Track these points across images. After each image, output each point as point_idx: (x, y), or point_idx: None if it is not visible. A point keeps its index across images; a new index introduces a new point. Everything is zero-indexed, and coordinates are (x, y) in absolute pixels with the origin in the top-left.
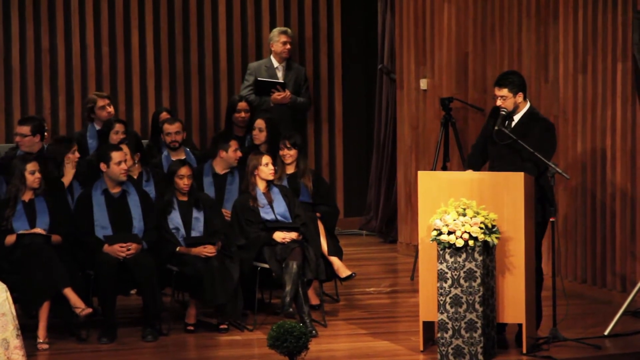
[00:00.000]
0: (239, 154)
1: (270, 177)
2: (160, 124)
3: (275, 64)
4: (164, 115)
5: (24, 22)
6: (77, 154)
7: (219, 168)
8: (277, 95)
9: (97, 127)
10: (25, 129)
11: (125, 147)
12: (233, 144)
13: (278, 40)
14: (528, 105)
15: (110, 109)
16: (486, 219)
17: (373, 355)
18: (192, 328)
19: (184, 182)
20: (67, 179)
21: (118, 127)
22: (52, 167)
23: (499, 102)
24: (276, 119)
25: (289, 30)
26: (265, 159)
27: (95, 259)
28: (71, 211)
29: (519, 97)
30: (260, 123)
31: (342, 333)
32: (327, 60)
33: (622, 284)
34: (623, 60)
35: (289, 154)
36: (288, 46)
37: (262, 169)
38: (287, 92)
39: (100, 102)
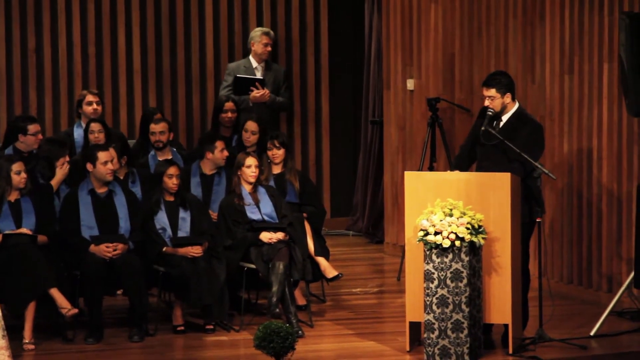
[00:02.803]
0: (225, 154)
1: (252, 180)
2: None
3: (254, 64)
4: (159, 116)
5: (10, 22)
6: (67, 157)
7: (207, 169)
8: (256, 93)
9: (84, 125)
10: (39, 127)
11: (112, 150)
12: (219, 145)
13: (260, 41)
14: (517, 106)
15: (97, 107)
16: (473, 219)
17: (359, 355)
18: (182, 328)
19: (172, 181)
20: (56, 180)
21: (93, 126)
22: (46, 167)
23: (486, 102)
24: (262, 119)
25: (271, 31)
26: (249, 160)
27: (81, 259)
28: (57, 211)
29: (507, 98)
30: (252, 126)
31: (329, 333)
32: (314, 61)
33: (608, 284)
34: (609, 61)
35: (278, 154)
36: (269, 48)
37: (244, 171)
38: (266, 90)
39: (89, 98)
